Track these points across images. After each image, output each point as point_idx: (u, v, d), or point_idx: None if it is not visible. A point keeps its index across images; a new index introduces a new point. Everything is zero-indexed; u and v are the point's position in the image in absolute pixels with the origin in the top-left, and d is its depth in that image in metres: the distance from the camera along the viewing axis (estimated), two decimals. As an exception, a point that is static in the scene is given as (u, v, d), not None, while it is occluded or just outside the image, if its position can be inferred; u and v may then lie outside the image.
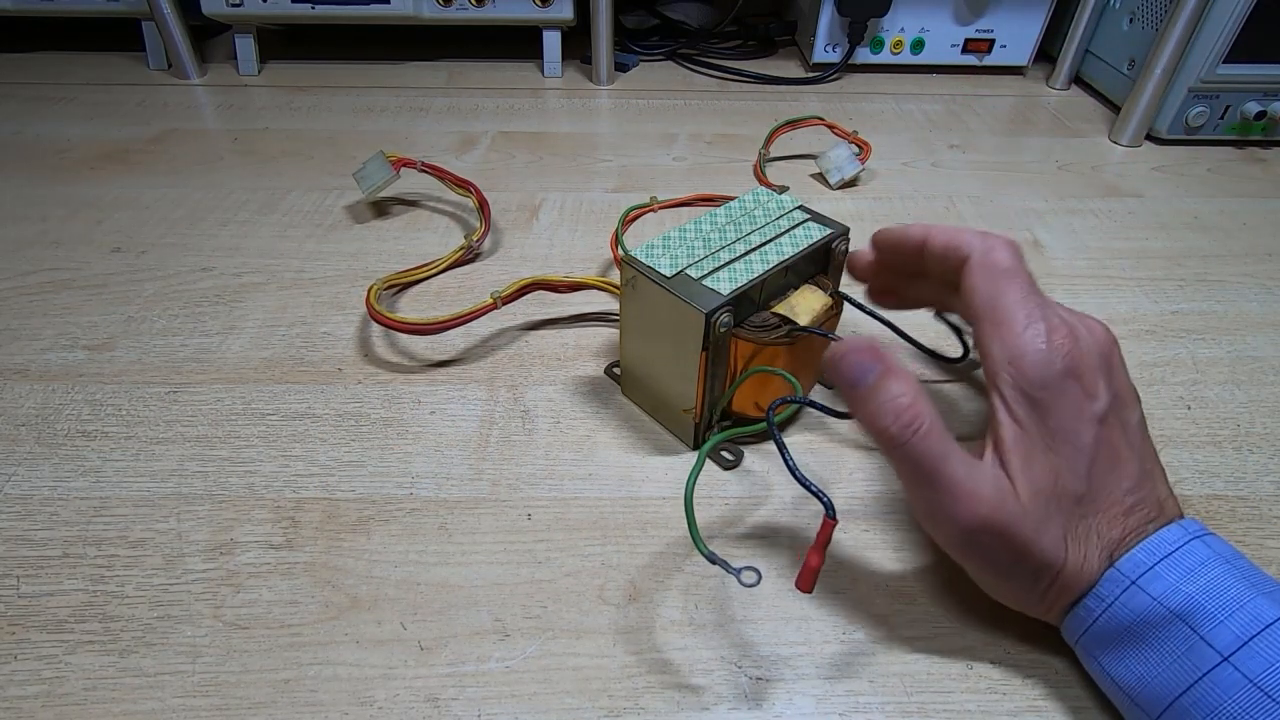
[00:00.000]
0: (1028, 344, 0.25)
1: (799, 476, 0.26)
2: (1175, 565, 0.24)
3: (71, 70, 0.75)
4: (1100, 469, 0.25)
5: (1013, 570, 0.25)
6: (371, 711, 0.26)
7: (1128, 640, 0.24)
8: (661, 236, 0.34)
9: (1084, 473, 0.25)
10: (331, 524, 0.32)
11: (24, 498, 0.33)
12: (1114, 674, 0.24)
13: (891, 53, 0.77)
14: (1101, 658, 0.25)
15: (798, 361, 0.34)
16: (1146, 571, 0.24)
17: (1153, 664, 0.23)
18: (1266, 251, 0.52)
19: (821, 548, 0.25)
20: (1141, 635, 0.24)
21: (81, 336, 0.42)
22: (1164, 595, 0.23)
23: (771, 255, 0.33)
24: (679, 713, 0.26)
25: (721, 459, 0.35)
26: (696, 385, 0.33)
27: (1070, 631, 0.26)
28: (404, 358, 0.41)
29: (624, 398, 0.39)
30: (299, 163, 0.60)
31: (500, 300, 0.40)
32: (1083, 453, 0.25)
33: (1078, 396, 0.25)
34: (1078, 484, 0.25)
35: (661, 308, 0.32)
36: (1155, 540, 0.24)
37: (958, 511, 0.25)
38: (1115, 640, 0.24)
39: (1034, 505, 0.25)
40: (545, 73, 0.77)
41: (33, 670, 0.27)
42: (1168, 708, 0.23)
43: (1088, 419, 0.25)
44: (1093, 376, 0.26)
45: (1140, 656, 0.24)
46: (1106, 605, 0.24)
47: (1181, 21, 0.58)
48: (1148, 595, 0.23)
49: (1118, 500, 0.25)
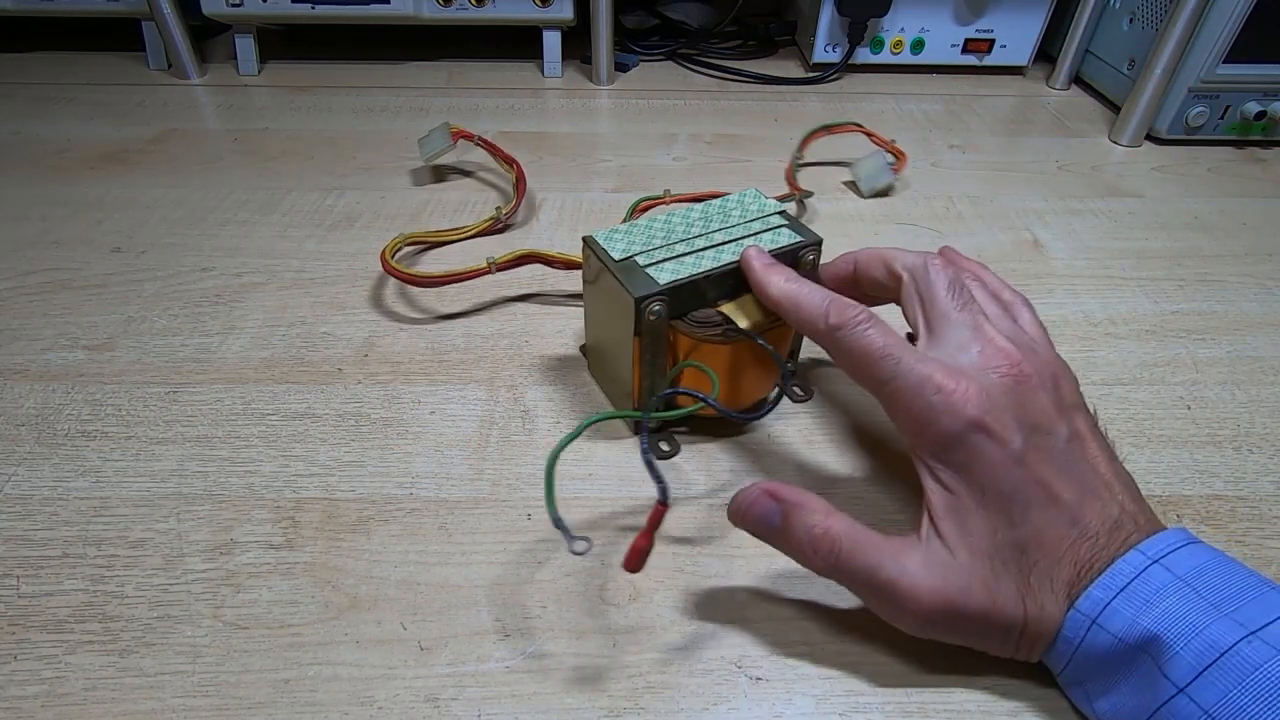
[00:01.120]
0: (924, 411, 0.25)
1: (646, 460, 0.26)
2: (1131, 598, 0.23)
3: (71, 70, 0.75)
4: (1035, 511, 0.25)
5: (983, 636, 0.25)
6: (371, 711, 0.26)
7: (1101, 674, 0.24)
8: (630, 223, 0.34)
9: (1019, 519, 0.25)
10: (331, 524, 0.32)
11: (24, 498, 0.33)
12: (1093, 707, 0.25)
13: (891, 53, 0.77)
14: (1077, 693, 0.25)
15: (739, 363, 0.33)
16: (1104, 609, 0.23)
17: (1124, 695, 0.23)
18: (1266, 251, 0.52)
19: (650, 531, 0.25)
20: (1112, 669, 0.24)
21: (81, 336, 0.42)
22: (1124, 631, 0.23)
23: (726, 254, 0.33)
24: (679, 713, 0.26)
25: (658, 449, 0.36)
26: (632, 370, 0.33)
27: (1051, 668, 0.26)
28: (404, 358, 0.41)
29: (585, 373, 0.40)
30: (299, 163, 0.60)
31: (495, 266, 0.41)
32: (1012, 499, 0.25)
33: (989, 446, 0.25)
34: (1015, 532, 0.25)
35: (607, 290, 0.33)
36: (1111, 574, 0.24)
37: (905, 610, 0.25)
38: (1090, 675, 0.24)
39: (979, 568, 0.25)
40: (545, 73, 0.77)
41: (32, 670, 0.27)
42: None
43: (1007, 464, 0.25)
44: (998, 417, 0.25)
45: (1114, 689, 0.24)
46: (1074, 647, 0.24)
47: (1181, 21, 0.58)
48: (1108, 633, 0.23)
49: (1064, 536, 0.24)
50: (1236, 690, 0.21)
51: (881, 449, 0.36)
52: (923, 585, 0.25)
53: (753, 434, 0.37)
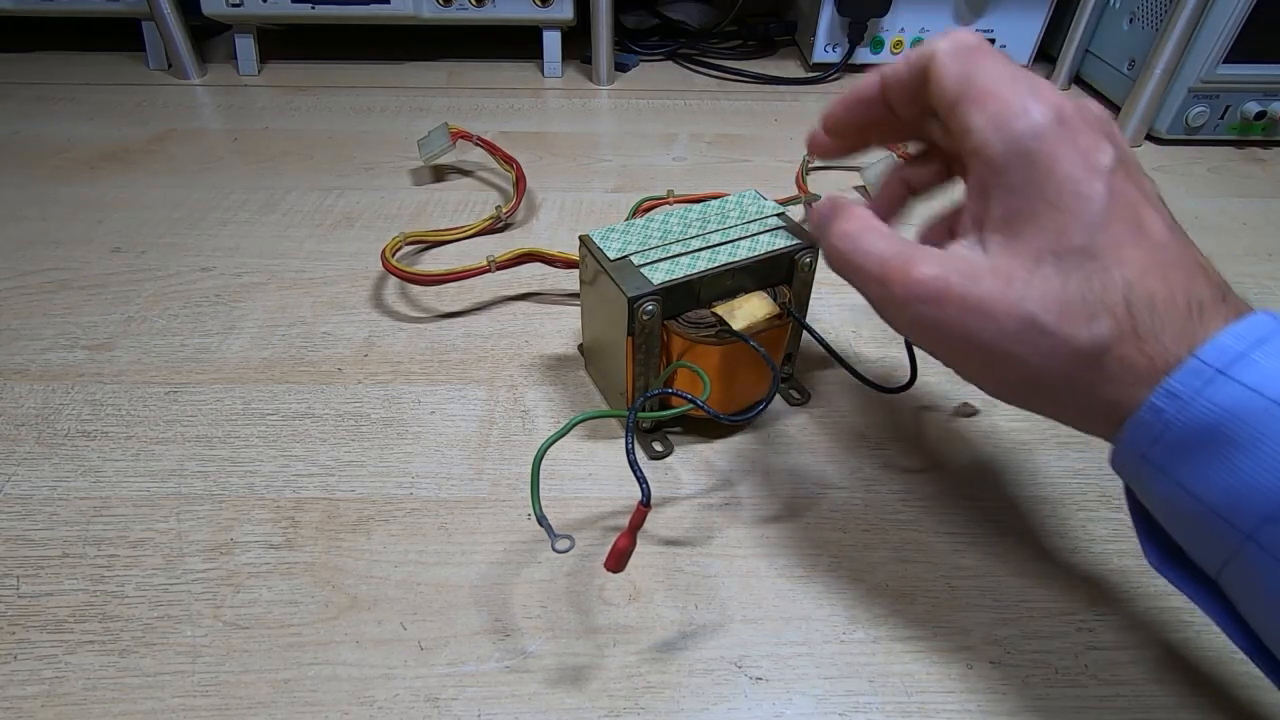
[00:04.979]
0: (1015, 100, 0.21)
1: (630, 460, 0.27)
2: (1274, 351, 0.19)
3: (71, 70, 0.75)
4: (1117, 226, 0.20)
5: (1043, 370, 0.21)
6: (371, 711, 0.26)
7: (1212, 444, 0.19)
8: (627, 223, 0.34)
9: (1097, 223, 0.20)
10: (331, 524, 0.32)
11: (24, 498, 0.33)
12: (1193, 489, 0.19)
13: (891, 53, 0.77)
14: (1176, 471, 0.20)
15: (732, 364, 0.33)
16: (1239, 359, 0.19)
17: (1246, 468, 0.18)
18: (1267, 251, 0.52)
19: (632, 531, 0.25)
20: (1232, 436, 0.19)
21: (81, 336, 0.42)
22: (1261, 384, 0.18)
23: (722, 256, 0.33)
24: (679, 713, 0.26)
25: (651, 449, 0.36)
26: (626, 369, 0.33)
27: (1131, 447, 0.21)
28: (404, 357, 0.41)
29: (584, 373, 0.40)
30: (299, 163, 0.60)
31: (495, 265, 0.42)
32: (1092, 200, 0.20)
33: (1077, 145, 0.21)
34: (1085, 237, 0.20)
35: (602, 289, 0.33)
36: (1244, 325, 0.19)
37: (892, 293, 0.22)
38: (1195, 446, 0.19)
39: (1021, 271, 0.21)
40: (545, 73, 0.77)
41: (32, 670, 0.27)
42: (1267, 519, 0.18)
43: (1093, 169, 0.20)
44: (1092, 132, 0.21)
45: (1229, 462, 0.19)
46: (1184, 403, 0.19)
47: (1181, 21, 0.58)
48: (1240, 384, 0.19)
49: (1159, 262, 0.20)
50: None
51: (881, 450, 0.36)
52: (921, 265, 0.22)
53: (750, 434, 0.37)
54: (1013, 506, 0.34)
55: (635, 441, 0.28)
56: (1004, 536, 0.32)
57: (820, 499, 0.34)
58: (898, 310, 0.23)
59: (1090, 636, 0.29)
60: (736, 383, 0.34)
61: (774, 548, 0.32)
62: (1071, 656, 0.28)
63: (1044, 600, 0.30)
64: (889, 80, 0.25)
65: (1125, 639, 0.29)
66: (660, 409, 0.35)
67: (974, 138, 0.22)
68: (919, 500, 0.34)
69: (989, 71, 0.22)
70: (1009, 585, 0.30)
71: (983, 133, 0.21)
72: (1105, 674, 0.27)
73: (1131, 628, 0.29)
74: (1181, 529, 0.21)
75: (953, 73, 0.23)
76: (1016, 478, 0.35)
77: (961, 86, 0.22)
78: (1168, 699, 0.27)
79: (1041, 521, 0.33)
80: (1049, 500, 0.34)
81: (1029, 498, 0.34)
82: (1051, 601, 0.30)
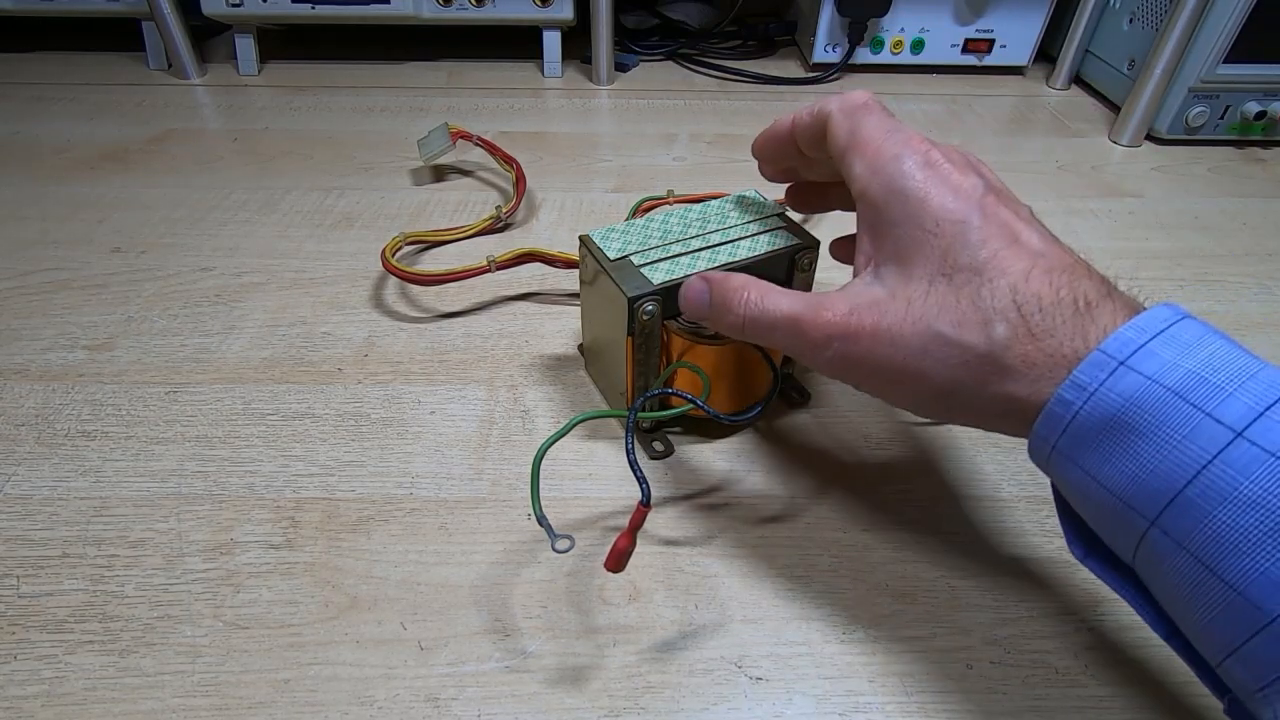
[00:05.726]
0: (888, 148, 0.25)
1: (630, 460, 0.27)
2: (1171, 341, 0.20)
3: (71, 70, 0.75)
4: (994, 241, 0.22)
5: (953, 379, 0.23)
6: (371, 711, 0.26)
7: (1116, 433, 0.20)
8: (627, 223, 0.34)
9: (976, 242, 0.22)
10: (331, 524, 0.32)
11: (24, 498, 0.33)
12: (1101, 477, 0.20)
13: (891, 53, 0.77)
14: (1084, 460, 0.21)
15: (734, 364, 0.33)
16: (1139, 350, 0.20)
17: (1148, 456, 0.19)
18: (1266, 251, 0.52)
19: (631, 531, 0.26)
20: (1133, 424, 0.19)
21: (81, 336, 0.42)
22: (1159, 373, 0.19)
23: (722, 255, 0.33)
24: (679, 713, 0.26)
25: (652, 449, 0.36)
26: (626, 369, 0.33)
27: (1042, 439, 0.22)
28: (404, 357, 0.41)
29: (584, 373, 0.40)
30: (299, 163, 0.60)
31: (495, 265, 0.42)
32: (968, 224, 0.23)
33: (947, 181, 0.24)
34: (968, 256, 0.22)
35: (602, 289, 0.33)
36: (1144, 318, 0.20)
37: (805, 337, 0.25)
38: (1100, 435, 0.20)
39: (918, 294, 0.23)
40: (545, 73, 0.77)
41: (32, 670, 0.27)
42: (1169, 504, 0.19)
43: (964, 197, 0.23)
44: (958, 169, 0.24)
45: (1132, 450, 0.19)
46: (1088, 394, 0.20)
47: (1181, 21, 0.58)
48: (1140, 375, 0.19)
49: (1028, 262, 0.22)
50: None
51: (881, 450, 0.36)
52: (829, 309, 0.24)
53: (750, 435, 0.37)
54: (1013, 506, 0.34)
55: (635, 441, 0.29)
56: (1004, 536, 0.32)
57: (820, 499, 0.34)
58: (816, 353, 0.25)
59: (1090, 636, 0.29)
60: (736, 383, 0.34)
61: (774, 548, 0.32)
62: (1071, 656, 0.28)
63: (1044, 600, 0.30)
64: (798, 126, 0.29)
65: (1125, 639, 0.29)
66: (660, 409, 0.35)
67: (858, 183, 0.25)
68: (919, 500, 0.34)
69: (869, 125, 0.26)
70: (1009, 585, 0.30)
71: (864, 178, 0.25)
72: (1105, 674, 0.28)
73: (1131, 628, 0.29)
74: (1096, 518, 0.21)
75: (843, 128, 0.26)
76: (1017, 478, 0.35)
77: (848, 139, 0.26)
78: (1167, 699, 0.27)
79: (1041, 521, 0.33)
80: (1049, 500, 0.34)
81: (1029, 498, 0.34)
82: (1051, 601, 0.30)
